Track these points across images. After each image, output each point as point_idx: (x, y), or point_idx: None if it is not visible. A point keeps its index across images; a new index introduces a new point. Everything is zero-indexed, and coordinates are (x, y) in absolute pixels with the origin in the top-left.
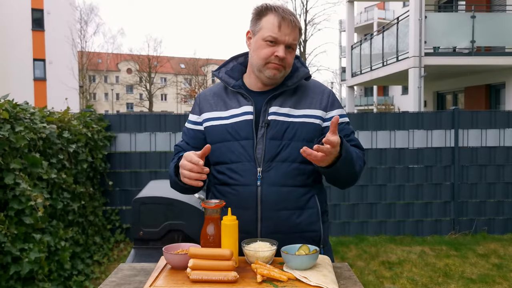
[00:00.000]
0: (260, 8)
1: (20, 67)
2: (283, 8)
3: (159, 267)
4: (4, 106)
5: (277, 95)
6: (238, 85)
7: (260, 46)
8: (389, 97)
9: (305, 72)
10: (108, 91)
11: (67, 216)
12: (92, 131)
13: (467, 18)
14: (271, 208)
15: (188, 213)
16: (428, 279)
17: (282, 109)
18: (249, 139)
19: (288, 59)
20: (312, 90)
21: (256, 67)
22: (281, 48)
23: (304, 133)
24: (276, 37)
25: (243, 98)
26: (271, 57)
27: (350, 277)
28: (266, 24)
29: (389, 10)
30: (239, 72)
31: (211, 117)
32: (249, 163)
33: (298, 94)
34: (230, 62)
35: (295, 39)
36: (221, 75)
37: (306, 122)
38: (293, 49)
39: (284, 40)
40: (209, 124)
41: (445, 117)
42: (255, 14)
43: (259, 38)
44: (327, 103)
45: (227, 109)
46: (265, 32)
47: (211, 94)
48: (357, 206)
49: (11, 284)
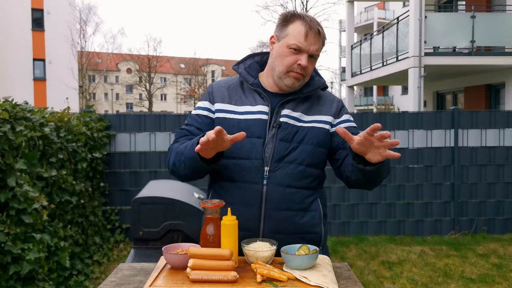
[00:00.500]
0: (288, 14)
1: (19, 67)
2: (310, 17)
3: (159, 267)
4: (4, 106)
5: (291, 100)
6: (256, 84)
7: (284, 53)
8: (389, 97)
9: (321, 82)
10: (107, 91)
11: (66, 216)
12: (91, 130)
13: (467, 18)
14: (275, 207)
15: (187, 213)
16: (428, 279)
17: (294, 113)
18: (260, 137)
19: (309, 69)
20: (323, 98)
21: (277, 73)
22: (305, 57)
23: (313, 137)
24: (301, 46)
25: (260, 97)
26: (293, 66)
27: (350, 277)
28: (292, 32)
29: (389, 10)
30: (256, 70)
31: (224, 108)
32: (257, 161)
33: (310, 101)
34: (248, 60)
35: (319, 49)
36: (241, 70)
37: (315, 127)
38: (315, 58)
39: (309, 50)
40: (221, 115)
41: (445, 117)
42: (282, 20)
43: (283, 44)
44: (336, 110)
45: (242, 104)
46: (290, 39)
47: (226, 86)
48: (357, 206)
49: (11, 284)
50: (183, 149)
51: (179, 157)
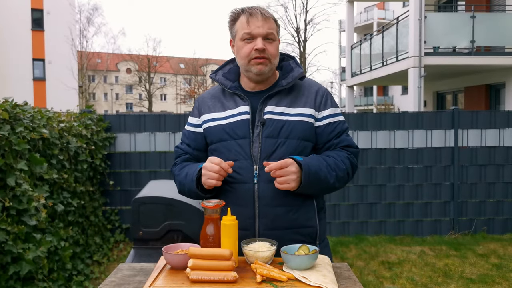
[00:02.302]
0: (232, 15)
1: (19, 67)
2: (252, 6)
3: (159, 267)
4: (4, 107)
5: (273, 95)
6: (235, 87)
7: (240, 47)
8: (389, 97)
9: (299, 72)
10: (107, 91)
11: (67, 216)
12: (92, 132)
13: (467, 18)
14: (267, 204)
15: (187, 213)
16: (428, 279)
17: (277, 108)
18: (246, 137)
19: (270, 50)
20: (307, 89)
21: (243, 67)
22: (259, 40)
23: (299, 132)
24: (250, 31)
25: (240, 99)
26: (251, 53)
27: (350, 277)
28: (239, 25)
29: (389, 10)
30: (235, 74)
31: (209, 118)
32: (246, 161)
33: (293, 93)
34: (227, 65)
35: (270, 28)
36: (218, 77)
37: (301, 120)
38: (273, 39)
39: (259, 32)
40: (207, 125)
41: (445, 117)
42: (230, 21)
43: (237, 40)
44: (320, 102)
45: (224, 110)
46: (239, 32)
47: (209, 96)
48: (357, 206)
49: (11, 284)
50: (184, 179)
51: (183, 187)
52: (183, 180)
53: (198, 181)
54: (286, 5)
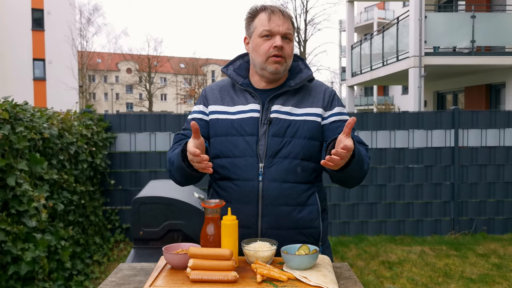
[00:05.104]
0: (251, 11)
1: (19, 66)
2: (271, 5)
3: (159, 267)
4: (4, 106)
5: (280, 94)
6: (246, 83)
7: (258, 44)
8: (389, 97)
9: (308, 74)
10: (107, 91)
11: (67, 216)
12: (92, 132)
13: (467, 18)
14: (271, 203)
15: (188, 213)
16: (428, 279)
17: (284, 108)
18: (253, 135)
19: (287, 50)
20: (314, 89)
21: (259, 65)
22: (278, 37)
23: (305, 131)
24: (270, 29)
25: (251, 96)
26: (270, 50)
27: (350, 277)
28: (258, 22)
29: (389, 10)
30: (246, 70)
31: (217, 110)
32: (251, 158)
33: (300, 93)
34: (237, 60)
35: (289, 28)
36: (230, 72)
37: (307, 120)
38: (290, 39)
39: (279, 31)
40: (214, 116)
41: (445, 117)
42: (248, 18)
43: (255, 37)
44: (328, 102)
45: (234, 104)
46: (259, 29)
47: (218, 88)
48: (357, 206)
49: (10, 284)
50: (173, 156)
51: (171, 165)
52: (172, 158)
53: (183, 154)
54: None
